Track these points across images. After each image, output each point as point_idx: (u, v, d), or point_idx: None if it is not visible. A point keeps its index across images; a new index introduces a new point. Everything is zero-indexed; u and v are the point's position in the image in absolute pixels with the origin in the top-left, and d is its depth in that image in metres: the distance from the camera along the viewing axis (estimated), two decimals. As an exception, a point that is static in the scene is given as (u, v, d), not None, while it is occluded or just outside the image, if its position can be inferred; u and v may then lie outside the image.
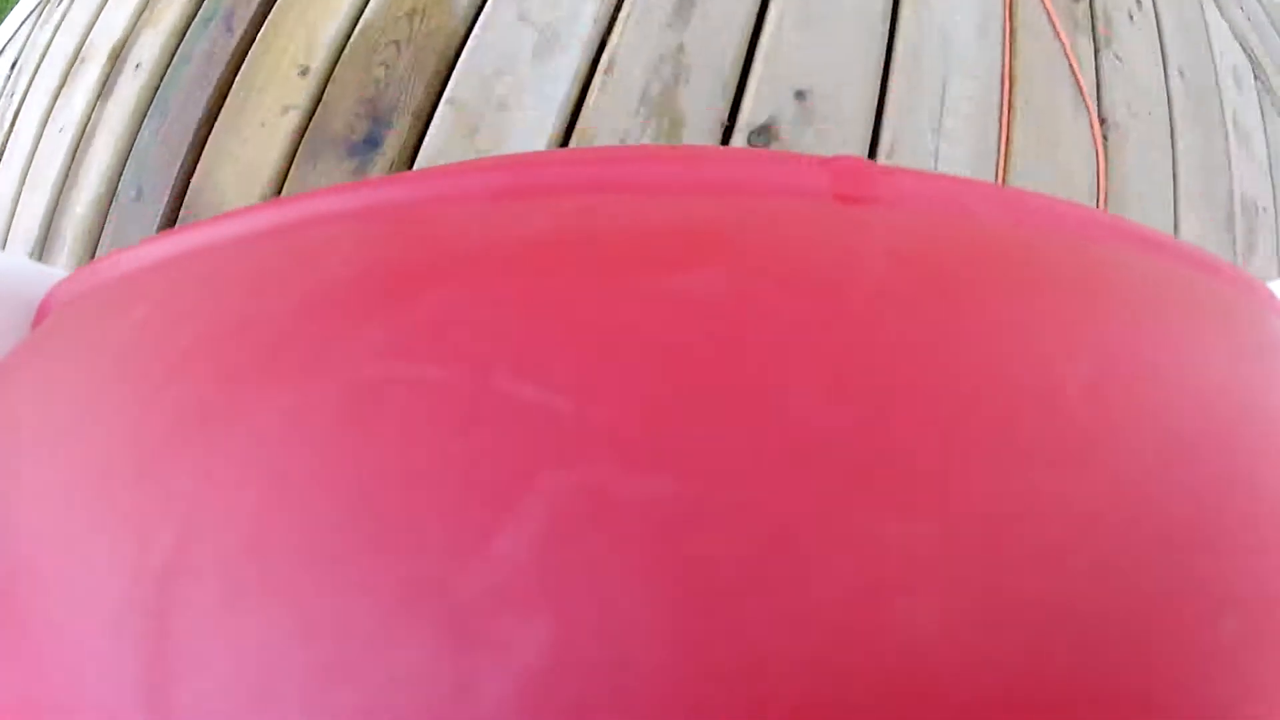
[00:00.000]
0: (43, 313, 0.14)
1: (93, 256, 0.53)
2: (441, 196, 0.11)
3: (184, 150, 0.51)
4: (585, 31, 0.48)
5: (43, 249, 0.56)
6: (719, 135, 0.46)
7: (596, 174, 0.11)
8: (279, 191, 0.48)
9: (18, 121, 0.63)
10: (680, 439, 0.08)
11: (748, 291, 0.09)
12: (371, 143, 0.47)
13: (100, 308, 0.12)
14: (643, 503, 0.07)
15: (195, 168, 0.50)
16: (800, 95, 0.47)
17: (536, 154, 0.11)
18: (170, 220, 0.50)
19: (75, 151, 0.57)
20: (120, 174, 0.53)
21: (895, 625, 0.07)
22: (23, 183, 0.60)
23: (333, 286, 0.09)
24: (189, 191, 0.50)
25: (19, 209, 0.59)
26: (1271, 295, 0.13)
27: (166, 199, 0.50)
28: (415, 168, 0.47)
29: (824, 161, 0.11)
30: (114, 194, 0.53)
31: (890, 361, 0.08)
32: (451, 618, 0.07)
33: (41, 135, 0.60)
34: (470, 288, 0.09)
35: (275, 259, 0.10)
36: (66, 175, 0.56)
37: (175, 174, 0.50)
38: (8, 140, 0.63)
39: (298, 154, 0.48)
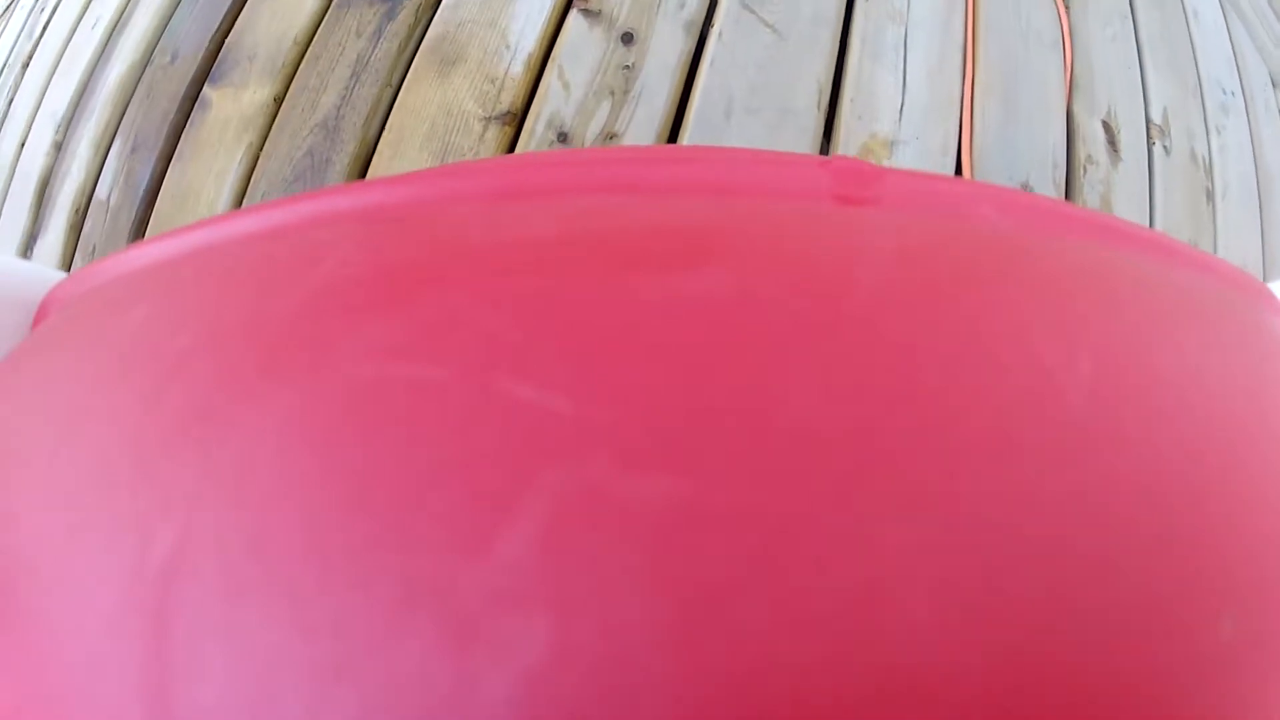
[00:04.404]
0: (43, 313, 0.14)
1: (120, 123, 0.55)
2: (442, 197, 0.11)
3: (220, 14, 0.54)
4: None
5: (69, 126, 0.57)
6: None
7: (597, 175, 0.11)
8: (310, 40, 0.51)
9: (49, 27, 0.65)
10: (680, 439, 0.08)
11: (747, 292, 0.09)
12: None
13: (100, 308, 0.12)
14: (642, 503, 0.07)
15: (231, 29, 0.53)
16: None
17: (537, 154, 0.11)
18: (201, 80, 0.52)
19: (110, 35, 0.59)
20: (156, 43, 0.56)
21: (894, 625, 0.07)
22: (54, 70, 0.61)
23: (333, 287, 0.09)
24: (223, 49, 0.52)
25: (46, 94, 0.60)
26: (1271, 295, 0.13)
27: (200, 58, 0.53)
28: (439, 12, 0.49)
29: (824, 162, 0.11)
30: (149, 60, 0.55)
31: (889, 362, 0.08)
32: (452, 617, 0.07)
33: (75, 30, 0.63)
34: (471, 288, 0.09)
35: (276, 259, 0.10)
36: (99, 57, 0.58)
37: (210, 36, 0.53)
38: (38, 45, 0.65)
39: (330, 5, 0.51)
